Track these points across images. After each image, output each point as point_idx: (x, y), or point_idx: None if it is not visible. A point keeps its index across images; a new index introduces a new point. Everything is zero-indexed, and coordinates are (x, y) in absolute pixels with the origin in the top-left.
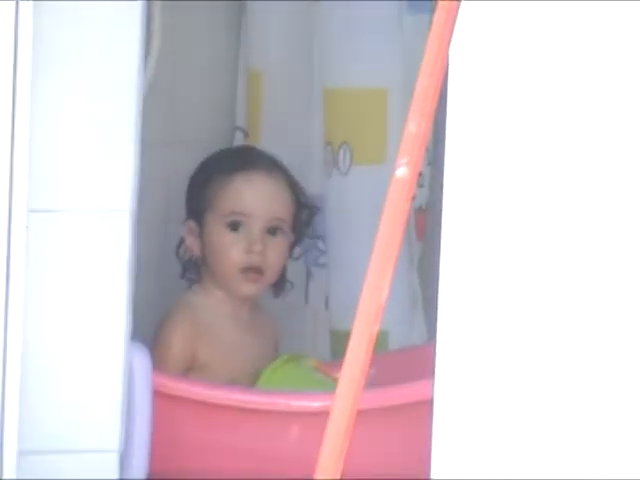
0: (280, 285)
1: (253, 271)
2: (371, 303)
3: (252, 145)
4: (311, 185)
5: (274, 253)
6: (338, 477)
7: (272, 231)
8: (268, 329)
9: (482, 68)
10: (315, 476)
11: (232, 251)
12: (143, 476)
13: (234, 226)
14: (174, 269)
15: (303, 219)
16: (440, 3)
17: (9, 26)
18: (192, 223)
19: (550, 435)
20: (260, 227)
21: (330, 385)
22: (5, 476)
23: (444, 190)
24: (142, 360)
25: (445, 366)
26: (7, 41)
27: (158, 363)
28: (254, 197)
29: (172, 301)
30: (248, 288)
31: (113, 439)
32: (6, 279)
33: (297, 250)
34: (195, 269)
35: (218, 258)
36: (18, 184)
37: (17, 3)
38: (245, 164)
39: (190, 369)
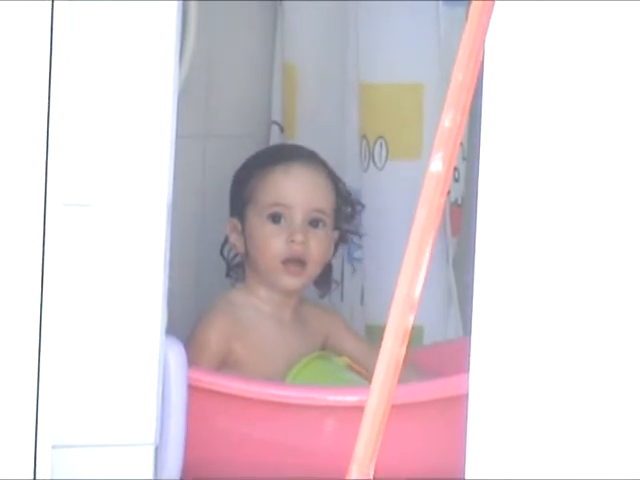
0: (326, 284)
1: (294, 263)
2: (405, 297)
3: (292, 143)
4: (347, 180)
5: (316, 244)
6: (372, 472)
7: (314, 223)
8: (318, 324)
9: (518, 63)
10: (349, 470)
11: (274, 242)
12: (178, 470)
13: (275, 218)
14: (210, 264)
15: (346, 214)
16: None
17: (45, 21)
18: (235, 220)
19: (581, 429)
20: (301, 218)
21: (359, 383)
22: (39, 472)
23: (479, 185)
24: (177, 355)
25: (480, 361)
26: (43, 36)
27: (193, 355)
28: (294, 188)
29: (207, 297)
30: (290, 281)
31: (148, 433)
32: (41, 273)
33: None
34: (239, 268)
35: (260, 251)
36: (53, 178)
37: (53, 2)
38: (284, 156)
39: (224, 364)
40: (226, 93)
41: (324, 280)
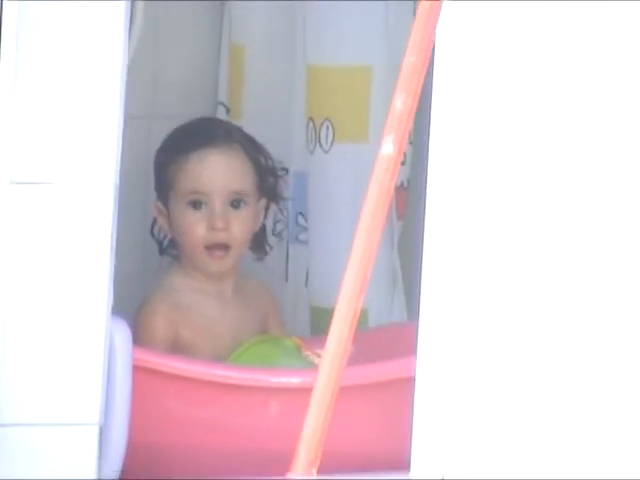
0: (260, 248)
1: (218, 248)
2: (356, 280)
3: (210, 117)
4: (293, 161)
5: (239, 226)
6: (320, 453)
7: (235, 204)
8: (259, 299)
9: (469, 45)
10: (297, 452)
11: (195, 229)
12: (122, 451)
13: (195, 205)
14: (154, 245)
15: (269, 183)
16: None
17: None
18: (160, 204)
19: (529, 411)
20: (221, 203)
21: (303, 364)
22: None
23: (429, 168)
24: (123, 334)
25: (428, 344)
26: None
27: (141, 344)
28: (210, 175)
29: (153, 277)
30: (216, 266)
31: (93, 413)
32: None
33: (279, 226)
34: (173, 247)
35: (183, 237)
36: (0, 156)
37: None
38: (199, 142)
39: (174, 349)
40: (173, 73)
41: (258, 245)
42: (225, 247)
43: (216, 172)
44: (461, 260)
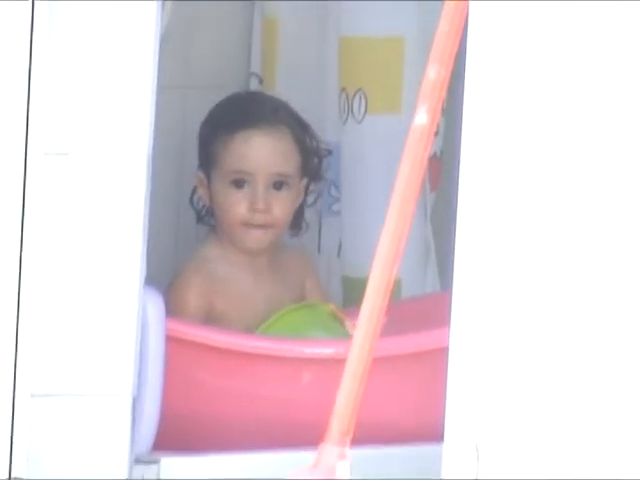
0: (296, 226)
1: (257, 227)
2: (389, 250)
3: (257, 92)
4: (326, 132)
5: (280, 207)
6: (353, 424)
7: (277, 185)
8: (296, 270)
9: (503, 16)
10: (330, 423)
11: (237, 208)
12: (155, 421)
13: (238, 184)
14: (190, 214)
15: (313, 165)
16: None
17: None
18: (202, 174)
19: (560, 385)
20: (263, 184)
21: (338, 333)
22: (17, 419)
23: (462, 139)
24: (155, 305)
25: (461, 315)
26: None
27: (174, 315)
28: (255, 156)
29: (187, 248)
30: (254, 242)
31: (126, 383)
32: (21, 222)
33: (310, 197)
34: (211, 216)
35: (223, 214)
36: (34, 127)
37: None
38: (246, 121)
39: (207, 320)
40: (205, 44)
41: (295, 223)
42: (265, 227)
43: (260, 153)
44: (494, 231)
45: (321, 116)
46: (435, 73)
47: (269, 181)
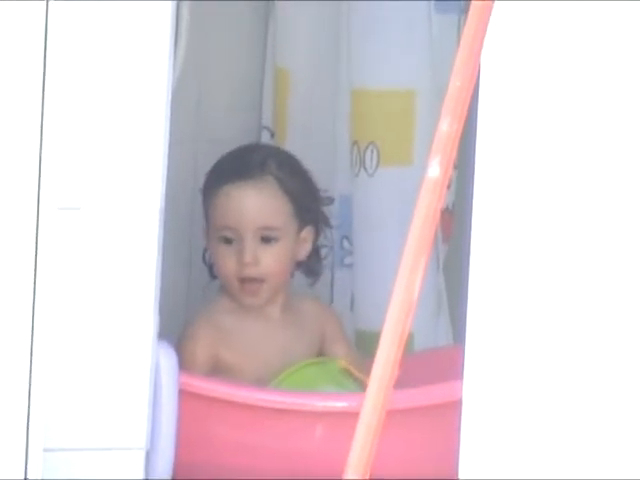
0: (313, 272)
1: (250, 282)
2: (403, 302)
3: (254, 144)
4: (338, 185)
5: (269, 260)
6: (367, 477)
7: (265, 239)
8: (313, 320)
9: (515, 69)
10: (344, 475)
11: (227, 264)
12: (168, 474)
13: (226, 239)
14: (202, 268)
15: (313, 213)
16: (473, 3)
17: (40, 22)
18: (205, 230)
19: (576, 434)
20: (250, 238)
21: (349, 388)
22: (30, 473)
23: (475, 192)
24: (168, 359)
25: (474, 367)
26: (38, 38)
27: (181, 366)
28: (237, 211)
29: (199, 301)
30: (249, 299)
31: (140, 437)
32: (34, 276)
33: (323, 250)
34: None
35: (218, 270)
36: (46, 181)
37: (47, 3)
38: (230, 176)
39: (214, 371)
40: (217, 97)
41: (311, 270)
42: (258, 281)
43: (243, 208)
44: (507, 284)
45: (333, 169)
46: (448, 126)
47: (256, 235)
